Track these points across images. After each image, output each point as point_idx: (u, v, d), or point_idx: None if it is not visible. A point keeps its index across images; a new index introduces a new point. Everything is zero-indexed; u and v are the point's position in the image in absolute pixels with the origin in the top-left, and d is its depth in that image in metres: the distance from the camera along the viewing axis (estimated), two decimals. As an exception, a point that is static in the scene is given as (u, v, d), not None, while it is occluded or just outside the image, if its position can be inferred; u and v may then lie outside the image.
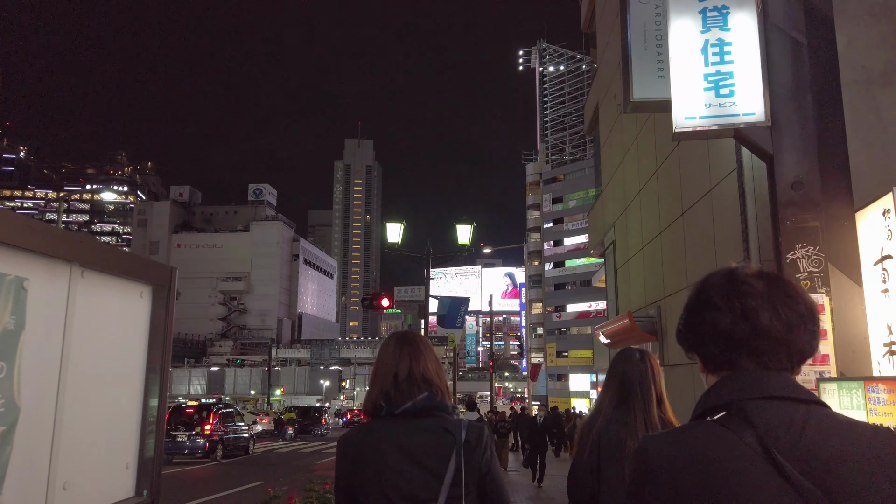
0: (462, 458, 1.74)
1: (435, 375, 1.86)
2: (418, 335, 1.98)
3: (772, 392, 1.05)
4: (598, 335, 12.66)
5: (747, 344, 1.09)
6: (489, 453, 1.82)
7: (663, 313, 9.82)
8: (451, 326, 12.54)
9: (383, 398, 1.82)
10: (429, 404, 1.79)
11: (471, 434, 1.79)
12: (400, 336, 1.95)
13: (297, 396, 78.46)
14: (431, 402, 1.80)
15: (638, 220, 11.40)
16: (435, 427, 1.78)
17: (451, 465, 1.73)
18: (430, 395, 1.81)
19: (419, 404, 1.78)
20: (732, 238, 6.97)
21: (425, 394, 1.80)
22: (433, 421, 1.79)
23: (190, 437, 17.82)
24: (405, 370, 1.83)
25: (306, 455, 21.25)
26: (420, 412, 1.79)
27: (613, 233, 13.43)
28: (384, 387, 1.83)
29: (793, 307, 1.10)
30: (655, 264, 10.27)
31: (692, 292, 1.20)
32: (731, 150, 6.94)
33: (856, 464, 0.97)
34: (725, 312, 1.11)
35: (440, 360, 2.01)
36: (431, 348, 1.95)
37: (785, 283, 1.14)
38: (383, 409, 1.81)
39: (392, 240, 12.49)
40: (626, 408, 2.36)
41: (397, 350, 1.87)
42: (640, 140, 11.22)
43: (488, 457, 1.81)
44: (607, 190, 14.30)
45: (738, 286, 1.13)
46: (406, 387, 1.81)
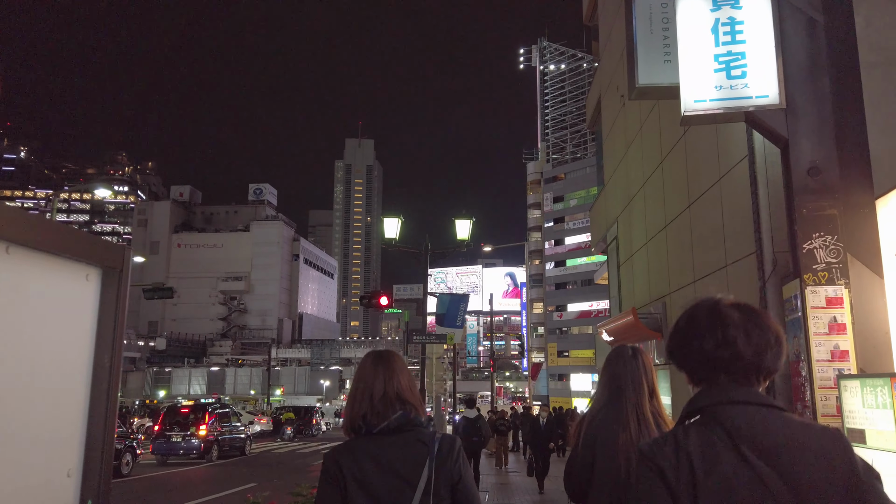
0: (433, 467, 1.89)
1: (408, 392, 2.00)
2: (393, 354, 2.12)
3: (737, 399, 1.35)
4: (601, 333, 12.35)
5: (725, 365, 1.39)
6: (461, 462, 1.96)
7: (669, 309, 9.49)
8: (452, 325, 12.22)
9: (361, 419, 1.95)
10: (403, 422, 1.94)
11: (443, 445, 1.94)
12: (375, 356, 2.09)
13: (298, 396, 78.29)
14: (405, 420, 1.94)
15: (642, 215, 11.08)
16: (410, 440, 1.94)
17: (423, 473, 1.88)
18: (403, 413, 1.95)
19: (393, 423, 1.93)
20: (743, 229, 6.65)
21: (399, 412, 1.94)
22: (408, 435, 1.94)
23: (185, 438, 17.50)
24: (380, 391, 1.97)
25: (304, 455, 20.94)
26: (395, 430, 1.93)
27: (616, 228, 13.11)
28: (361, 408, 1.97)
29: (763, 335, 1.40)
30: (660, 259, 9.95)
31: (682, 319, 1.49)
32: (742, 137, 6.62)
33: (802, 452, 1.28)
34: (709, 339, 1.40)
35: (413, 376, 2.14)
36: (405, 366, 2.08)
37: (757, 314, 1.44)
38: (362, 429, 1.95)
39: (389, 235, 12.17)
40: (619, 403, 2.43)
41: (372, 370, 2.02)
42: (644, 132, 10.90)
43: (460, 465, 1.95)
44: (610, 185, 13.98)
45: (721, 318, 1.41)
46: (381, 407, 1.95)
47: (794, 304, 5.60)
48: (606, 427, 2.41)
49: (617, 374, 2.52)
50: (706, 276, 7.83)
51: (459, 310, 12.28)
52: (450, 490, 1.93)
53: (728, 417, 1.33)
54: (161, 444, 17.44)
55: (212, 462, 17.60)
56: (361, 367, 2.09)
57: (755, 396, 1.37)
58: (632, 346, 2.63)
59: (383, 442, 1.92)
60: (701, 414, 1.38)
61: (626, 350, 2.59)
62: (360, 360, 2.17)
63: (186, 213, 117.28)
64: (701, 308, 1.47)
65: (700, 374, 1.44)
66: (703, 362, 1.41)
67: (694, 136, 8.27)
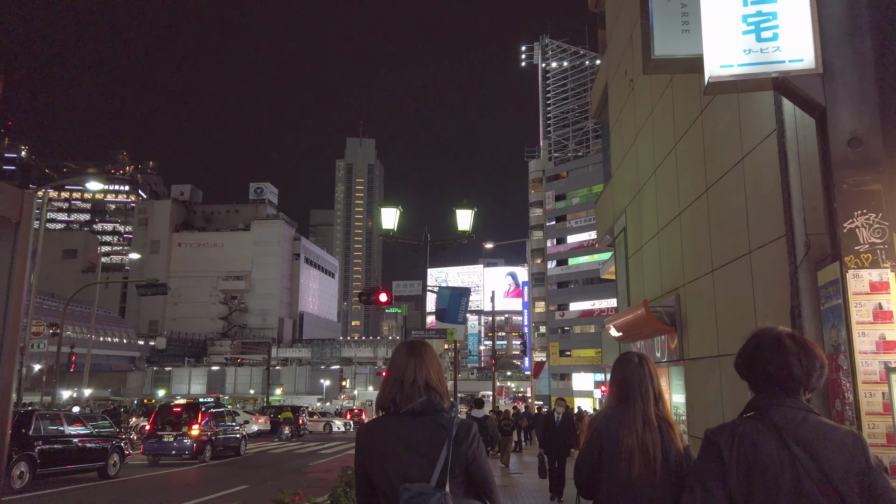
0: (451, 448, 2.10)
1: (436, 381, 2.24)
2: (425, 345, 2.35)
3: (785, 404, 1.95)
4: (609, 329, 11.79)
5: (781, 381, 1.98)
6: (475, 445, 2.18)
7: (683, 302, 8.92)
8: (453, 321, 11.66)
9: (390, 401, 2.21)
10: (427, 406, 2.17)
11: (461, 430, 2.15)
12: (409, 346, 2.33)
13: (298, 396, 78.16)
14: (430, 405, 2.18)
15: (653, 203, 10.51)
16: (432, 423, 2.15)
17: (442, 453, 2.09)
18: (428, 399, 2.19)
19: (418, 407, 2.16)
20: (770, 211, 6.09)
21: (425, 398, 2.18)
22: (431, 418, 2.16)
23: (177, 438, 16.91)
24: (410, 378, 2.21)
25: (300, 456, 20.40)
26: (420, 412, 2.16)
27: (625, 219, 12.54)
28: (392, 391, 2.22)
29: (811, 362, 1.97)
30: (673, 249, 9.38)
31: (749, 345, 2.11)
32: (769, 110, 6.06)
33: (828, 443, 1.82)
34: (772, 364, 2.00)
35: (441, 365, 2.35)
36: (435, 357, 2.33)
37: (808, 345, 2.01)
38: (391, 409, 2.20)
39: (387, 226, 11.61)
40: (627, 407, 2.59)
41: (405, 359, 2.26)
42: (655, 115, 10.33)
43: (475, 448, 2.17)
44: (617, 175, 13.42)
45: (782, 348, 2.00)
46: (410, 392, 2.19)
47: (832, 291, 5.05)
48: (613, 430, 2.58)
49: (625, 379, 2.67)
50: (726, 264, 7.27)
51: (460, 304, 11.71)
52: (464, 469, 2.15)
53: (777, 415, 1.91)
54: (152, 444, 16.89)
55: (205, 463, 17.04)
56: (395, 355, 2.32)
57: (798, 404, 1.94)
58: (638, 354, 2.77)
59: (408, 422, 2.15)
60: (756, 412, 1.98)
61: (632, 357, 2.74)
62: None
63: (187, 212, 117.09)
64: (766, 338, 2.02)
65: (760, 385, 2.02)
66: (764, 378, 1.99)
67: (712, 114, 7.71)
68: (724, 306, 7.37)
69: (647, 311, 8.98)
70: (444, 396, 2.25)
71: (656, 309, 9.24)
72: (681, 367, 9.11)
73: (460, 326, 12.01)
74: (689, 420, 8.62)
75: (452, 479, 2.09)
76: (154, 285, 26.43)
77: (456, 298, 11.64)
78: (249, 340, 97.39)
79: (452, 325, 11.44)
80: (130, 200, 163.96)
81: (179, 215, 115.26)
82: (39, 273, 24.93)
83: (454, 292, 11.69)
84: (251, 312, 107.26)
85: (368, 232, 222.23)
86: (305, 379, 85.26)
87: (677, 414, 9.26)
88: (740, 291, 6.85)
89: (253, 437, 30.87)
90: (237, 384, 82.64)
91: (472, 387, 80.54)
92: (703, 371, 8.08)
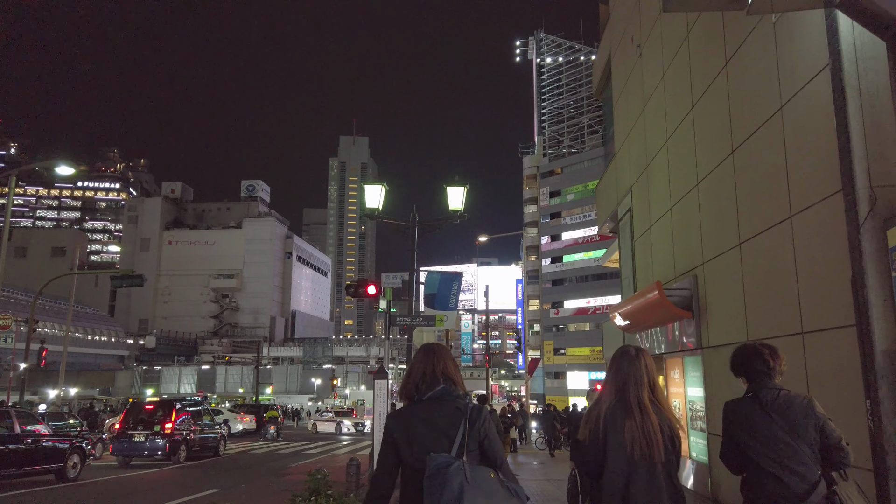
0: (466, 426, 2.54)
1: (453, 372, 2.71)
2: (440, 345, 2.84)
3: (768, 386, 3.04)
4: (614, 319, 10.76)
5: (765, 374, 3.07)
6: (487, 424, 2.60)
7: (702, 283, 7.91)
8: (443, 307, 10.64)
9: (415, 389, 2.68)
10: (445, 393, 2.65)
11: (474, 412, 2.60)
12: (427, 347, 2.82)
13: (290, 395, 77.33)
14: (447, 392, 2.65)
15: (664, 177, 9.51)
16: (450, 407, 2.59)
17: (459, 430, 2.54)
18: (446, 387, 2.65)
19: (437, 393, 2.65)
20: (820, 165, 5.08)
21: (443, 386, 2.65)
22: (449, 403, 2.61)
23: (148, 438, 15.77)
24: (430, 370, 2.68)
25: (283, 456, 19.31)
26: (440, 398, 2.63)
27: (630, 199, 11.53)
28: (416, 381, 2.69)
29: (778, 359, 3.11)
30: (690, 225, 8.37)
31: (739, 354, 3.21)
32: (818, 43, 5.04)
33: (793, 407, 2.95)
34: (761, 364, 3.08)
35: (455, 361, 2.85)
36: (450, 353, 2.82)
37: (772, 346, 3.16)
38: (416, 396, 2.67)
39: (372, 204, 10.57)
40: (625, 395, 2.88)
41: (425, 357, 2.74)
42: (668, 78, 9.33)
43: (486, 426, 2.59)
44: (621, 153, 12.42)
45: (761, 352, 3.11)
46: (431, 380, 2.66)
47: (910, 252, 4.04)
48: (614, 416, 2.85)
49: (622, 370, 2.94)
50: (758, 234, 6.25)
51: (452, 289, 10.68)
52: (477, 444, 2.56)
53: (763, 395, 3.02)
54: (122, 444, 15.73)
55: (179, 464, 15.91)
56: (417, 355, 2.80)
57: (774, 385, 3.04)
58: (635, 347, 3.02)
59: (430, 407, 2.61)
60: (753, 394, 3.06)
61: (629, 349, 3.01)
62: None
63: (178, 209, 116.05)
64: (749, 348, 3.17)
65: (751, 378, 3.10)
66: (753, 373, 3.09)
67: (741, 63, 6.70)
68: (756, 284, 6.36)
69: (660, 294, 7.96)
70: (460, 385, 2.70)
71: (669, 294, 8.21)
72: (698, 356, 8.10)
73: (452, 313, 10.96)
74: (708, 416, 7.60)
75: (468, 452, 2.49)
76: (130, 276, 25.24)
77: (447, 283, 10.61)
78: (241, 339, 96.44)
79: (443, 311, 10.40)
80: (121, 198, 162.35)
81: (170, 213, 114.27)
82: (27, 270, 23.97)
83: (444, 276, 10.66)
84: (243, 311, 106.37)
85: (362, 231, 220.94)
86: (297, 378, 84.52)
87: (693, 409, 8.25)
88: (777, 264, 5.84)
89: (238, 437, 29.75)
90: (228, 383, 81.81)
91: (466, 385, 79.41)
92: (727, 360, 7.06)
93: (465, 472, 2.39)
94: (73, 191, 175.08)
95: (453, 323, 15.73)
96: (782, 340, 5.75)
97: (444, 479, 2.38)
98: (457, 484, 2.37)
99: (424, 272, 11.27)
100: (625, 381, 2.88)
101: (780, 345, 6.18)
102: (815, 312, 5.18)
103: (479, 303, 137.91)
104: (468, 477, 2.39)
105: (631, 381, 2.87)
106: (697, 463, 8.07)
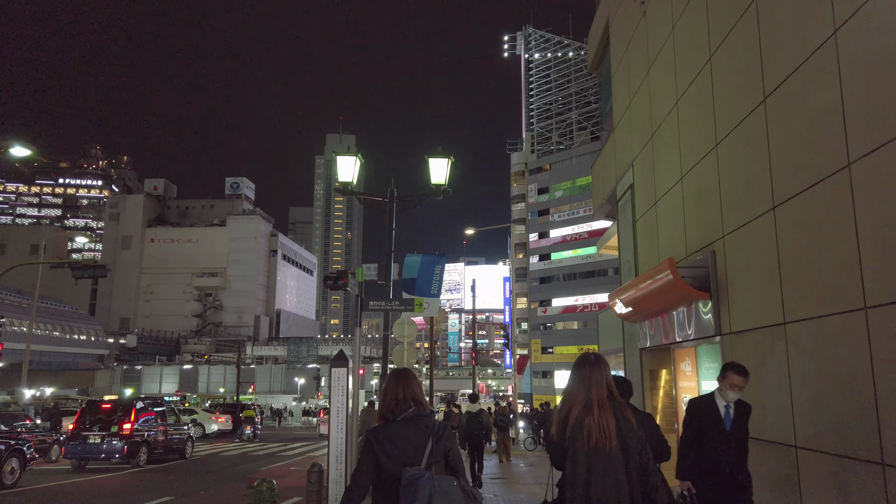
0: (433, 442, 3.06)
1: (419, 396, 3.22)
2: (408, 371, 3.34)
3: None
4: (613, 306, 9.65)
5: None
6: (451, 440, 3.15)
7: (721, 259, 6.81)
8: (425, 294, 9.50)
9: (390, 412, 3.16)
10: (415, 415, 3.14)
11: (440, 429, 3.12)
12: (397, 373, 3.32)
13: (273, 395, 76.44)
14: (417, 413, 3.15)
15: (673, 145, 8.42)
16: (420, 426, 3.10)
17: (428, 446, 3.05)
18: (416, 409, 3.15)
19: (409, 415, 3.14)
20: (891, 95, 3.98)
21: (413, 409, 3.15)
22: (419, 422, 3.12)
23: (104, 439, 14.50)
24: (402, 396, 3.18)
25: (255, 459, 18.10)
26: (412, 419, 3.13)
27: (631, 175, 10.44)
28: (391, 406, 3.17)
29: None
30: (706, 193, 7.27)
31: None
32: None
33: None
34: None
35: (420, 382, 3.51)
36: (416, 378, 3.33)
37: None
38: (391, 417, 3.15)
39: (344, 178, 9.41)
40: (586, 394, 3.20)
41: (396, 383, 3.24)
42: (678, 32, 8.24)
43: (450, 441, 3.14)
44: (620, 127, 11.34)
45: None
46: (403, 404, 3.16)
47: None
48: (577, 413, 3.18)
49: (584, 373, 3.27)
50: (800, 192, 5.16)
51: (434, 273, 9.53)
52: (442, 456, 3.09)
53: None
54: (75, 446, 14.45)
55: (138, 468, 14.66)
56: (388, 380, 3.31)
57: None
58: (594, 354, 3.37)
59: (404, 427, 3.10)
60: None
61: (590, 356, 3.35)
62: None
63: (160, 206, 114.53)
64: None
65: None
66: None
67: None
68: (796, 253, 5.26)
69: (674, 273, 6.85)
70: (425, 405, 3.25)
71: (681, 274, 7.11)
72: (716, 344, 7.01)
73: (435, 301, 9.79)
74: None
75: (436, 462, 3.04)
76: (91, 266, 23.91)
77: (428, 266, 9.46)
78: (224, 338, 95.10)
79: (425, 298, 9.25)
80: (104, 196, 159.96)
81: (153, 210, 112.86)
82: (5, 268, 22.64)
83: (425, 259, 9.49)
84: (226, 310, 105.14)
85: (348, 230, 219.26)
86: (281, 377, 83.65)
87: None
88: (828, 225, 4.75)
89: (212, 438, 28.49)
90: (210, 383, 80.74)
91: (452, 385, 78.40)
92: (755, 347, 5.97)
93: (433, 482, 2.94)
94: (54, 188, 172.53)
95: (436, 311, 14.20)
96: (835, 319, 4.66)
97: (417, 487, 2.92)
98: (426, 492, 2.90)
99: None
100: (586, 384, 3.23)
101: (832, 324, 4.66)
102: (885, 282, 4.08)
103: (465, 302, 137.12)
104: (435, 486, 2.93)
105: (592, 384, 3.22)
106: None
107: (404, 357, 12.64)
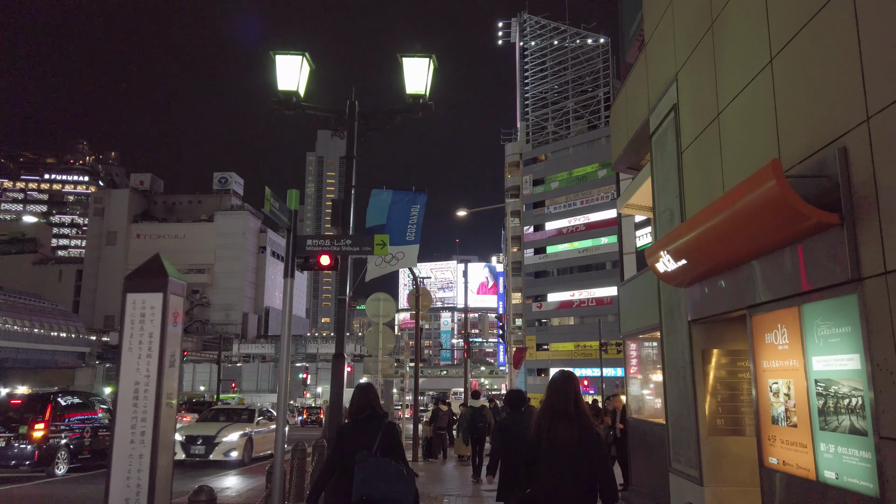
0: (381, 436, 4.65)
1: (375, 403, 4.85)
2: (369, 385, 4.88)
3: None
4: (657, 261, 7.03)
5: None
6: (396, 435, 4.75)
7: (861, 157, 4.23)
8: (399, 241, 6.96)
9: (354, 414, 4.82)
10: (371, 416, 4.80)
11: (389, 427, 4.73)
12: (362, 387, 4.89)
13: (260, 394, 74.95)
14: (372, 415, 4.80)
15: (755, 17, 5.85)
16: (374, 424, 4.72)
17: (377, 438, 4.63)
18: (372, 411, 4.81)
19: (367, 416, 4.80)
20: None
21: (369, 412, 4.81)
22: (374, 421, 4.75)
23: (10, 443, 11.87)
24: (364, 404, 4.83)
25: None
26: (368, 419, 4.78)
27: (675, 92, 7.85)
28: (356, 410, 4.84)
29: None
30: (824, 67, 4.69)
31: None
32: None
33: None
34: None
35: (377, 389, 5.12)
36: (375, 391, 4.94)
37: None
38: (356, 417, 4.82)
39: (286, 86, 6.80)
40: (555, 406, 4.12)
41: (361, 395, 4.87)
42: None
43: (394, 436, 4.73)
44: (656, 37, 8.77)
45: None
46: (364, 408, 4.82)
47: None
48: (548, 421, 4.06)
49: (556, 388, 4.16)
50: None
51: (410, 215, 6.97)
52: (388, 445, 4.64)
53: None
54: (-35, 450, 11.77)
55: (55, 477, 12.01)
56: (355, 392, 4.90)
57: None
58: (567, 371, 4.36)
59: (362, 424, 4.74)
60: None
61: (564, 373, 4.27)
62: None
63: (147, 202, 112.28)
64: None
65: None
66: None
67: None
68: None
69: (779, 179, 4.28)
70: (379, 409, 4.84)
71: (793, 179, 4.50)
72: (847, 297, 4.40)
73: (411, 248, 7.19)
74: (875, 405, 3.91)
75: (381, 449, 4.56)
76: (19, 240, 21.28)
77: (402, 205, 6.86)
78: (210, 336, 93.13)
79: (399, 246, 6.71)
80: (90, 191, 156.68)
81: (139, 205, 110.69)
82: None
83: (398, 196, 6.92)
84: (214, 307, 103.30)
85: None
86: (268, 376, 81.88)
87: (833, 394, 4.59)
88: None
89: (178, 440, 25.82)
90: (195, 381, 78.82)
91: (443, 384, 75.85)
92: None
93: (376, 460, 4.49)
94: (39, 183, 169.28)
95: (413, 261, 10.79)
96: None
97: (364, 463, 4.46)
98: (371, 465, 4.44)
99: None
100: (557, 397, 4.13)
101: None
102: None
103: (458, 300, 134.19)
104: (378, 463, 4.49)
105: (561, 397, 4.12)
106: (840, 490, 4.34)
107: (379, 340, 10.05)
